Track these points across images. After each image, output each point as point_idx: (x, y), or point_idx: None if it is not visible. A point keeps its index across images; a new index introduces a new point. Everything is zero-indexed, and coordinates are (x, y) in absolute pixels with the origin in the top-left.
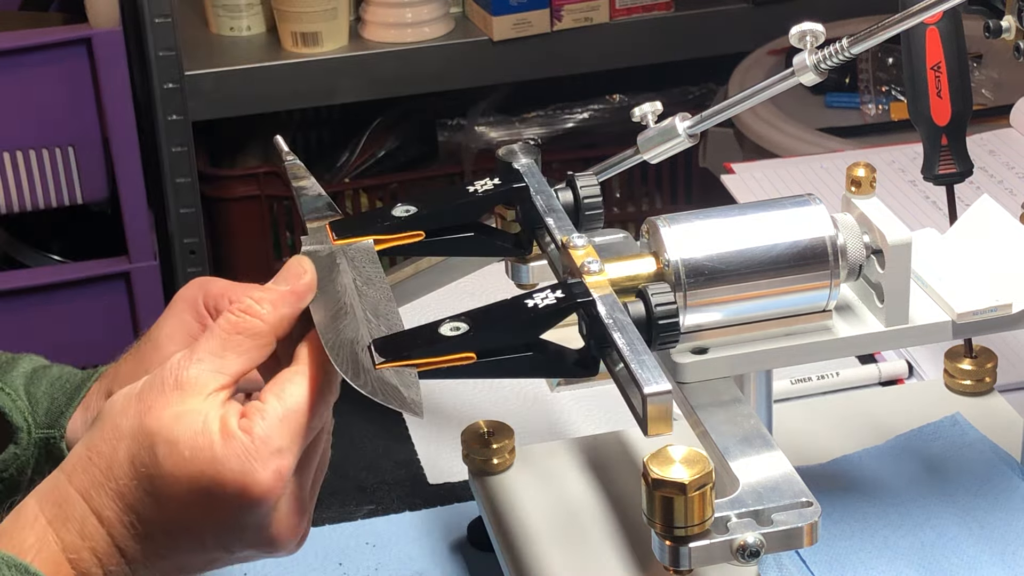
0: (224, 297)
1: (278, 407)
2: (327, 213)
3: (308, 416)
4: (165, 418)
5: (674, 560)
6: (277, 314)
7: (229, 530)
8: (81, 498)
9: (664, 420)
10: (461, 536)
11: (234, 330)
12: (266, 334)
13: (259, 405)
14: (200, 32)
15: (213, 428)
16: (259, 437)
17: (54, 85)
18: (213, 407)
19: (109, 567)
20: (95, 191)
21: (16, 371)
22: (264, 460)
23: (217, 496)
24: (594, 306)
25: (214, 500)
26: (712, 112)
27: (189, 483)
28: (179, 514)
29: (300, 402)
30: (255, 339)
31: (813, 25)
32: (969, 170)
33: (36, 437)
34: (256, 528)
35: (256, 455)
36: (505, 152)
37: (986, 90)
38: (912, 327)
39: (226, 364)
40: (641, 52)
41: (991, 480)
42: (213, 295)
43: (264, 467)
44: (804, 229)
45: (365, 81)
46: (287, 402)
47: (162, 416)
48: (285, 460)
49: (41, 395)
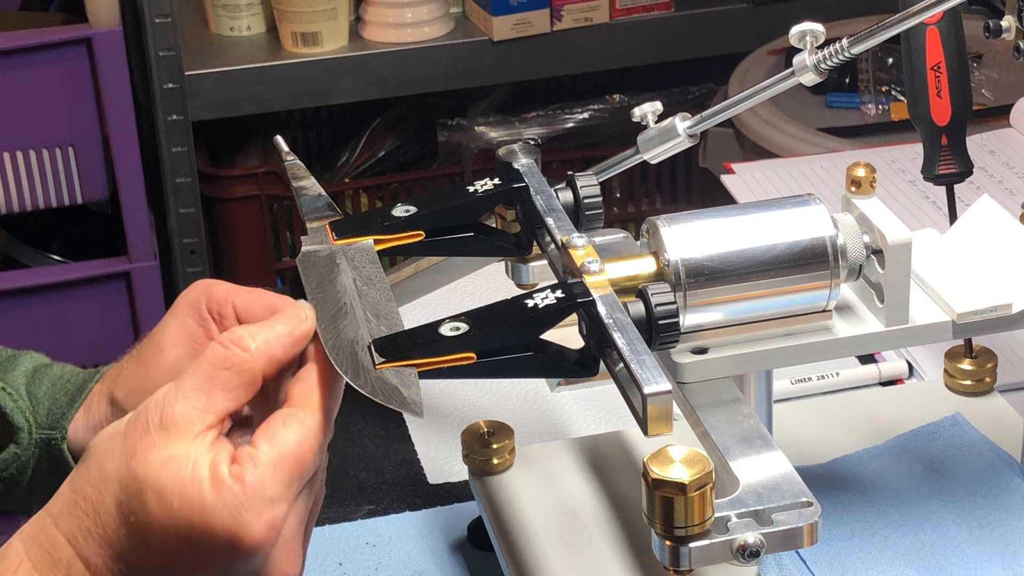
0: (228, 302)
1: (271, 452)
2: (327, 213)
3: (302, 461)
4: (152, 463)
5: (674, 560)
6: (268, 353)
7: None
8: (68, 543)
9: (664, 420)
10: (461, 536)
11: (222, 365)
12: (255, 373)
13: (251, 451)
14: (200, 32)
15: (202, 475)
16: (251, 486)
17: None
18: (202, 451)
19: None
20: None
21: (17, 370)
22: (256, 511)
23: (207, 546)
24: (594, 306)
25: (204, 550)
26: (712, 112)
27: (178, 533)
28: (168, 563)
29: (293, 447)
30: (243, 376)
31: (813, 25)
32: (969, 170)
33: (37, 437)
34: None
35: (248, 505)
36: (505, 152)
37: (986, 90)
38: (912, 327)
39: (213, 402)
40: (641, 52)
41: (991, 480)
42: (217, 299)
43: (256, 518)
44: (804, 229)
45: (365, 81)
46: (280, 447)
47: (149, 460)
48: (278, 510)
49: (42, 395)
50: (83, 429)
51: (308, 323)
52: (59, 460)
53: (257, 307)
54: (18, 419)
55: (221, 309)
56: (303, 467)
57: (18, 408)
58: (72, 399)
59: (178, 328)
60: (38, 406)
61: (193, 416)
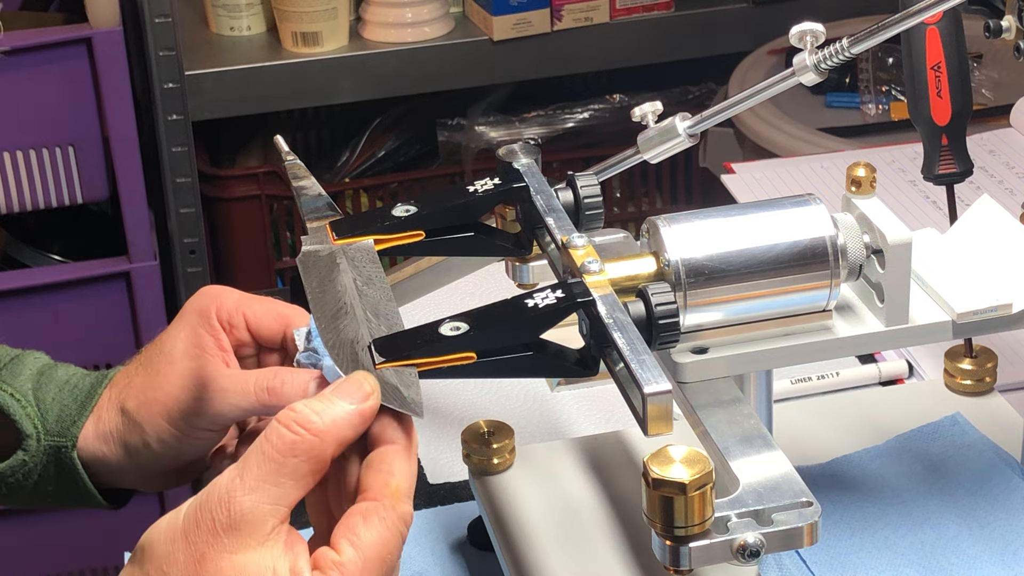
0: (238, 311)
1: (355, 557)
2: (327, 213)
3: (387, 562)
4: (226, 570)
5: (674, 560)
6: (336, 434)
7: None
8: None
9: (664, 420)
10: (461, 536)
11: (291, 452)
12: (324, 459)
13: (333, 557)
14: (200, 32)
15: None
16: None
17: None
18: (279, 555)
19: None
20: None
21: (23, 374)
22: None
23: None
24: (594, 306)
25: None
26: (712, 112)
27: None
28: None
29: (378, 547)
30: (311, 463)
31: (813, 25)
32: (969, 170)
33: (46, 444)
34: None
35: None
36: (505, 152)
37: (986, 90)
38: (912, 327)
39: (284, 494)
40: (641, 52)
41: (991, 480)
42: (227, 308)
43: None
44: (804, 229)
45: (365, 81)
46: (364, 550)
47: (222, 568)
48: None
49: (50, 401)
50: (93, 437)
51: (375, 398)
52: (69, 467)
53: (268, 317)
54: (26, 426)
55: (231, 319)
56: (387, 567)
57: (26, 415)
58: (82, 406)
59: (188, 338)
60: (46, 412)
61: (264, 512)
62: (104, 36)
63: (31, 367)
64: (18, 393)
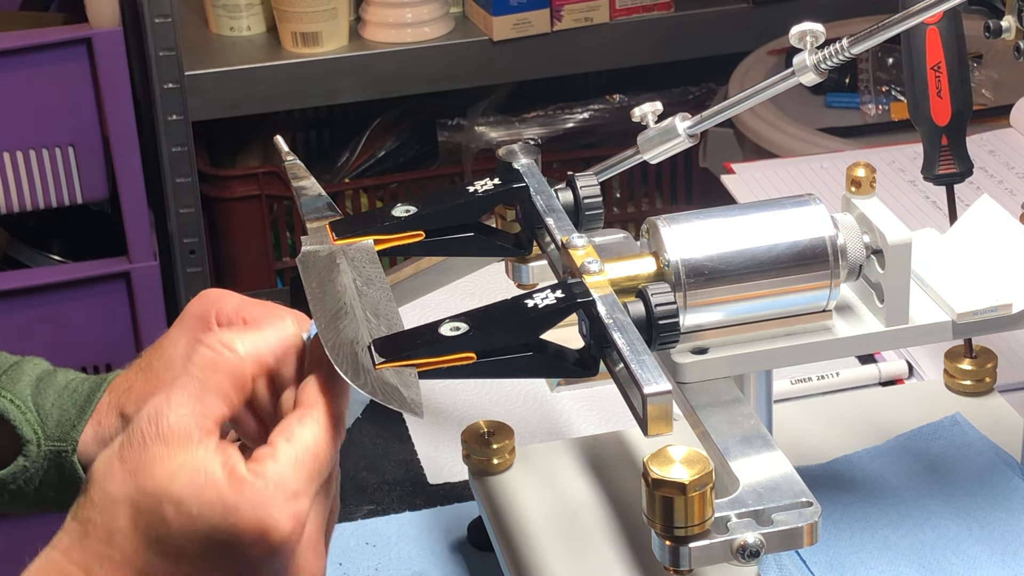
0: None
1: (289, 450)
2: (327, 213)
3: (321, 458)
4: (160, 475)
5: (674, 560)
6: (255, 355)
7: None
8: (83, 572)
9: (664, 420)
10: (461, 536)
11: (212, 369)
12: (244, 375)
13: (268, 449)
14: (200, 32)
15: (218, 477)
16: (273, 481)
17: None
18: (209, 455)
19: None
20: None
21: (23, 380)
22: (280, 505)
23: (234, 548)
24: (594, 306)
25: (231, 553)
26: (712, 112)
27: (203, 538)
28: (195, 571)
29: (311, 444)
30: (232, 379)
31: (813, 25)
32: (969, 170)
33: (46, 450)
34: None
35: (272, 500)
36: (505, 152)
37: (986, 90)
38: (912, 327)
39: (207, 408)
40: (641, 52)
41: (991, 480)
42: (227, 313)
43: (281, 511)
44: (804, 229)
45: (365, 81)
46: (297, 445)
47: (156, 474)
48: (302, 503)
49: (50, 406)
50: (92, 442)
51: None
52: (70, 472)
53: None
54: (26, 431)
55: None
56: (321, 464)
57: (26, 420)
58: (81, 410)
59: (188, 343)
60: (46, 417)
61: (189, 424)
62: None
63: (30, 373)
64: (17, 399)
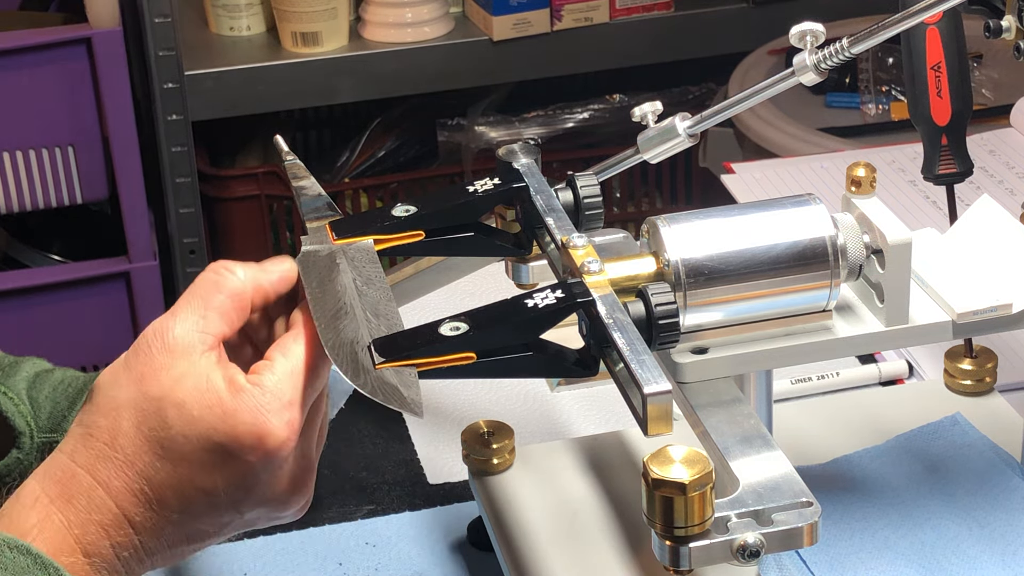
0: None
1: (285, 363)
2: (327, 213)
3: (315, 372)
4: (165, 381)
5: (674, 560)
6: (255, 281)
7: (242, 486)
8: (86, 472)
9: (664, 420)
10: (461, 536)
11: (215, 289)
12: (244, 297)
13: (266, 362)
14: (200, 32)
15: (219, 385)
16: (270, 390)
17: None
18: (211, 366)
19: (116, 539)
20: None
21: (19, 375)
22: (277, 412)
23: (231, 451)
24: (594, 306)
25: (228, 455)
26: (712, 112)
27: (202, 439)
28: (193, 473)
29: (305, 358)
30: (234, 300)
31: (813, 25)
32: (969, 170)
33: (39, 442)
34: (268, 484)
35: (268, 407)
36: (505, 152)
37: (986, 90)
38: (912, 327)
39: (209, 324)
40: (641, 52)
41: (991, 480)
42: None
43: (278, 418)
44: (804, 229)
45: (365, 81)
46: (292, 360)
47: (161, 380)
48: (296, 412)
49: (43, 400)
50: None
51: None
52: None
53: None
54: (19, 423)
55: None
56: (313, 379)
57: (19, 413)
58: (72, 402)
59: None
60: (39, 410)
61: (194, 338)
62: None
63: (28, 370)
64: (11, 392)
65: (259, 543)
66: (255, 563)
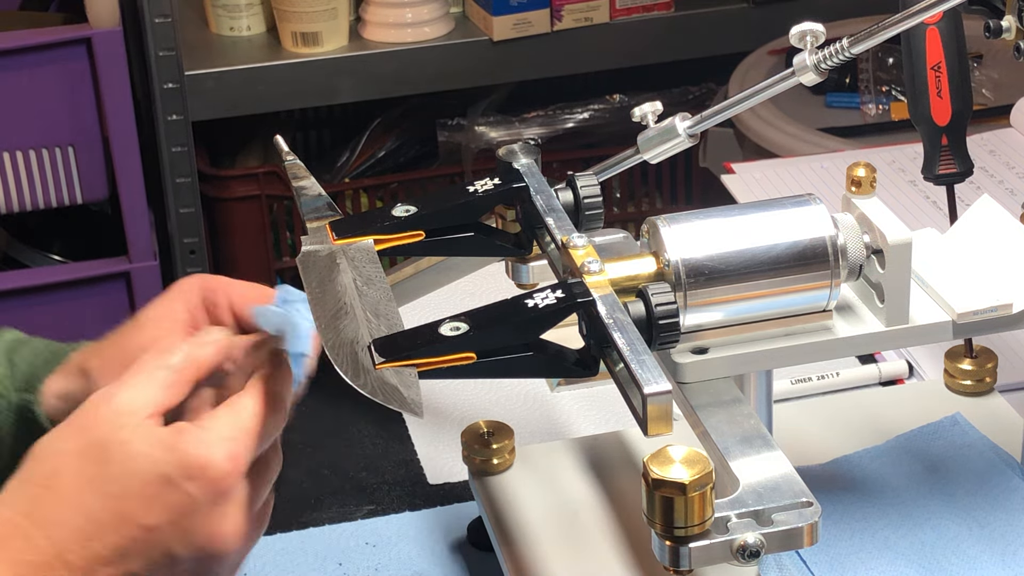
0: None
1: (229, 411)
2: (327, 213)
3: (259, 420)
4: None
5: (674, 560)
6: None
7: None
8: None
9: (664, 420)
10: (461, 536)
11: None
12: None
13: (211, 412)
14: (200, 32)
15: (161, 432)
16: (212, 428)
17: (54, 85)
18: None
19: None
20: (95, 191)
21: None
22: (219, 443)
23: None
24: (594, 306)
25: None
26: (712, 112)
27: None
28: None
29: (252, 412)
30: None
31: (813, 25)
32: (969, 170)
33: (15, 403)
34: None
35: (211, 440)
36: (505, 152)
37: (986, 90)
38: (912, 327)
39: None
40: (641, 52)
41: (991, 480)
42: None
43: (220, 449)
44: (804, 229)
45: (365, 81)
46: (237, 408)
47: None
48: (240, 448)
49: (20, 361)
50: (54, 396)
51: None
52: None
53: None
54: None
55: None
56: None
57: None
58: (48, 362)
59: (163, 310)
60: (15, 371)
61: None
62: (104, 36)
63: (8, 337)
64: None
65: (259, 543)
66: (255, 563)
